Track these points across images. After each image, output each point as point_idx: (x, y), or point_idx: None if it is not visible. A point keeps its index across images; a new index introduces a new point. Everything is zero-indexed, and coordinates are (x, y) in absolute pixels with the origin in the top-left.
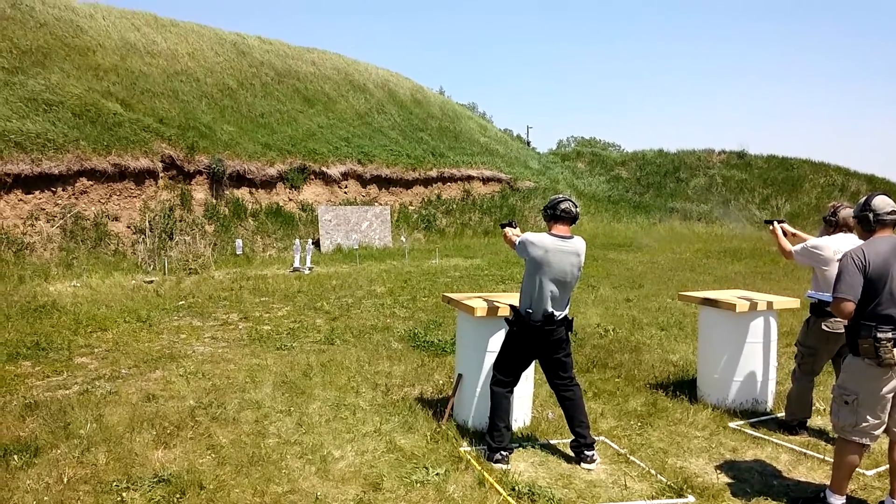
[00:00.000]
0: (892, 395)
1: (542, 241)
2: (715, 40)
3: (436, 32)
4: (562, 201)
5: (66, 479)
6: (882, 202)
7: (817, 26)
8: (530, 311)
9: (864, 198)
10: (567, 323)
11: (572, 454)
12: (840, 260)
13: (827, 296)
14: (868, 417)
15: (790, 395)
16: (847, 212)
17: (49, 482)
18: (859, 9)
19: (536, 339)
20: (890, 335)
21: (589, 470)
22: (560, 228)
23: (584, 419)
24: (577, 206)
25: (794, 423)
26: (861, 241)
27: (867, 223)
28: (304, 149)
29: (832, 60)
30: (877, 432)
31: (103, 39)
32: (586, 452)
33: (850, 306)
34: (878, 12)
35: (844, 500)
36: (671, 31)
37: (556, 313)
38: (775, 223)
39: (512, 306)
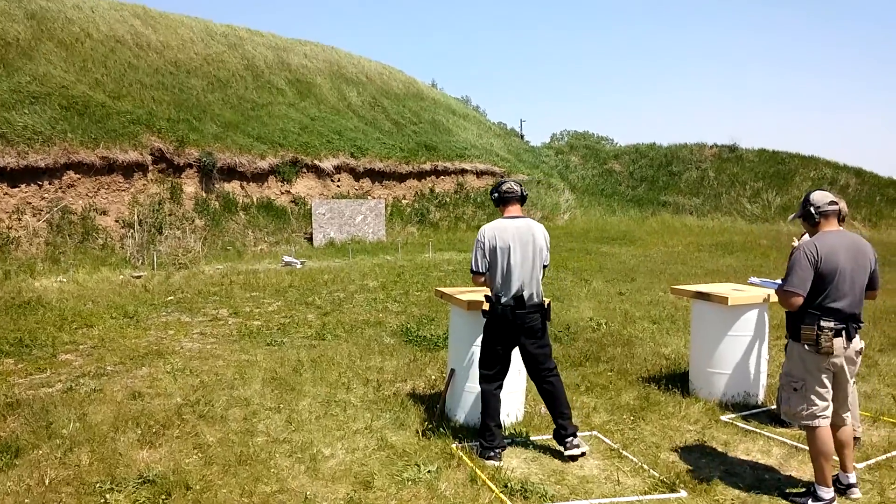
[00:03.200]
0: (830, 379)
1: (494, 226)
2: (708, 34)
3: (428, 26)
4: (504, 182)
5: (47, 481)
6: (820, 196)
7: (809, 20)
8: (500, 294)
9: (804, 196)
10: (543, 311)
11: (556, 443)
12: (792, 254)
13: (769, 282)
14: (816, 401)
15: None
16: (841, 205)
17: (30, 484)
18: (852, 4)
19: (511, 326)
20: (832, 325)
21: (573, 456)
22: (511, 210)
23: (566, 410)
24: (520, 185)
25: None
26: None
27: (811, 218)
28: (296, 142)
29: (823, 55)
30: (828, 413)
31: (92, 31)
32: (567, 440)
33: (799, 300)
34: (870, 7)
35: (833, 492)
36: (663, 25)
37: (526, 295)
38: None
39: (487, 297)
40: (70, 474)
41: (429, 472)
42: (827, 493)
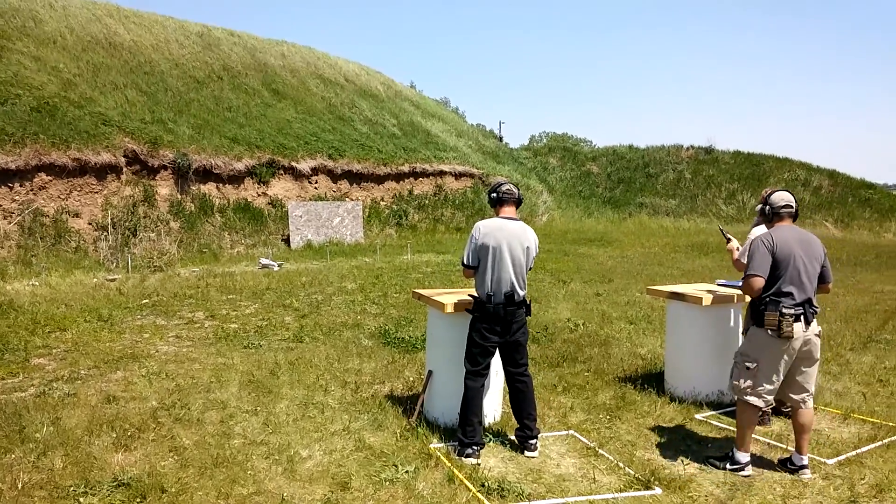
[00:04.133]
0: (785, 365)
1: (488, 224)
2: (686, 37)
3: (408, 27)
4: (503, 184)
5: (20, 485)
6: (777, 197)
7: (787, 22)
8: (491, 293)
9: (767, 194)
10: (526, 306)
11: (517, 442)
12: (752, 243)
13: (734, 283)
14: (764, 383)
15: None
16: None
17: (3, 488)
18: (831, 6)
19: (501, 322)
20: (793, 311)
21: (532, 457)
22: (506, 211)
23: (533, 412)
24: (518, 188)
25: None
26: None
27: (767, 215)
28: (273, 143)
29: (801, 57)
30: (770, 397)
31: (63, 30)
32: (530, 442)
33: (760, 282)
34: (851, 11)
35: (749, 457)
36: (643, 29)
37: (516, 294)
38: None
39: (471, 295)
40: (43, 478)
41: (406, 472)
42: (743, 457)
